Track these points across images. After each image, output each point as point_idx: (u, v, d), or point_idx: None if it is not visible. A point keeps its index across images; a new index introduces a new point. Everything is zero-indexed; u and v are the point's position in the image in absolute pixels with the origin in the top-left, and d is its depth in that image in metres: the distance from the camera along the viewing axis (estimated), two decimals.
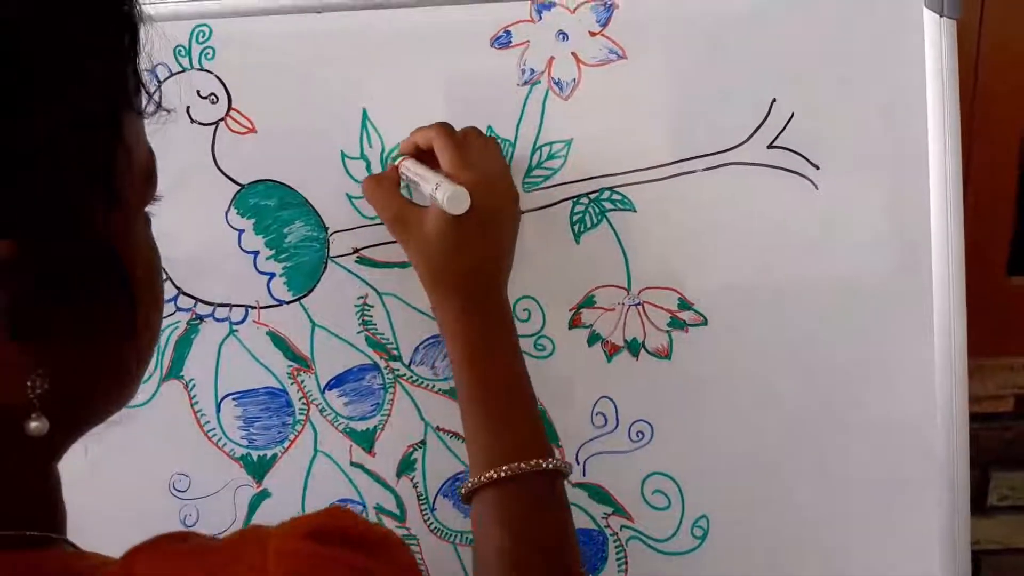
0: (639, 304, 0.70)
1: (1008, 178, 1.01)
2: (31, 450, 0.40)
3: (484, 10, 0.67)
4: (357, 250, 0.70)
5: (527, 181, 0.69)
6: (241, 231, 0.70)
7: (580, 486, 0.71)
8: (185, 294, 0.71)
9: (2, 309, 0.37)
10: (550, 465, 0.59)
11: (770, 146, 0.68)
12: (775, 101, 0.67)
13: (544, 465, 0.59)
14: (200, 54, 0.68)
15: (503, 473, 0.58)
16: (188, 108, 0.69)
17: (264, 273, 0.71)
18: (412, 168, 0.65)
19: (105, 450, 0.63)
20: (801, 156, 0.68)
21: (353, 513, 0.43)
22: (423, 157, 0.66)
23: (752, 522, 0.71)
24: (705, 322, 0.70)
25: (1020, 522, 1.15)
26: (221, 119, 0.69)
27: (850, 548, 0.71)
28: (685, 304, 0.70)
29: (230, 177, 0.70)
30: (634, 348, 0.70)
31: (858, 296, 0.69)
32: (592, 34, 0.67)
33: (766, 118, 0.68)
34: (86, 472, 0.61)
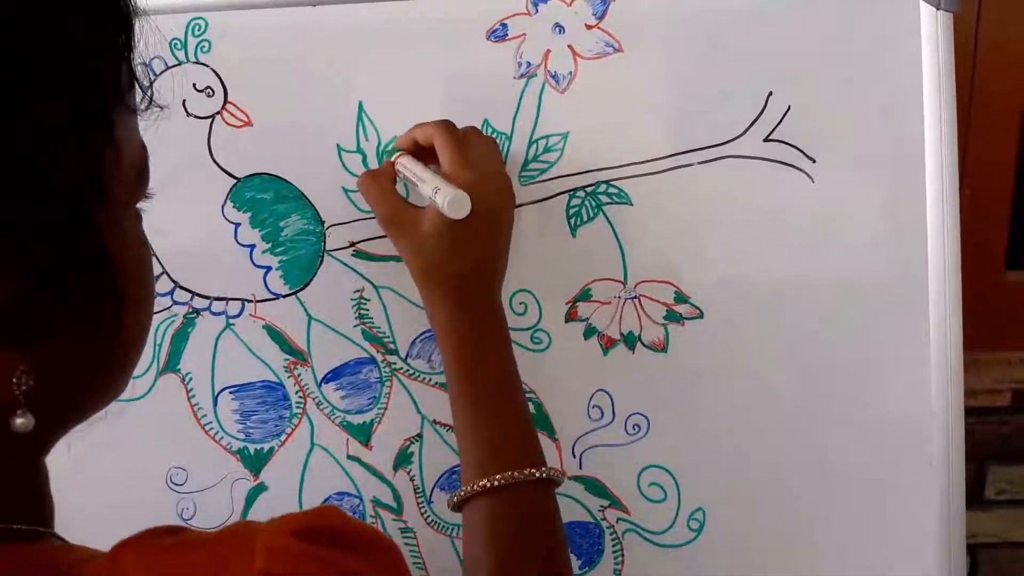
0: (635, 297, 0.70)
1: (1005, 173, 1.01)
2: (17, 446, 0.40)
3: (480, 3, 0.67)
4: (353, 244, 0.70)
5: (523, 174, 0.69)
6: (237, 225, 0.70)
7: (576, 479, 0.71)
8: (182, 288, 0.71)
9: None
10: (543, 474, 0.59)
11: (767, 139, 0.68)
12: (771, 94, 0.67)
13: (537, 474, 0.59)
14: (196, 47, 0.68)
15: (496, 482, 0.58)
16: (184, 101, 0.69)
17: (260, 267, 0.71)
18: (410, 167, 0.65)
19: (102, 444, 0.64)
20: (797, 149, 0.68)
21: (343, 513, 0.43)
22: (420, 154, 0.66)
23: (748, 515, 0.71)
24: (701, 315, 0.70)
25: (1017, 516, 1.15)
26: (217, 112, 0.69)
27: (846, 540, 0.71)
28: (681, 297, 0.70)
29: (226, 171, 0.70)
30: (630, 341, 0.70)
31: (854, 290, 0.69)
32: (588, 27, 0.67)
33: (763, 111, 0.68)
34: (83, 466, 0.62)
